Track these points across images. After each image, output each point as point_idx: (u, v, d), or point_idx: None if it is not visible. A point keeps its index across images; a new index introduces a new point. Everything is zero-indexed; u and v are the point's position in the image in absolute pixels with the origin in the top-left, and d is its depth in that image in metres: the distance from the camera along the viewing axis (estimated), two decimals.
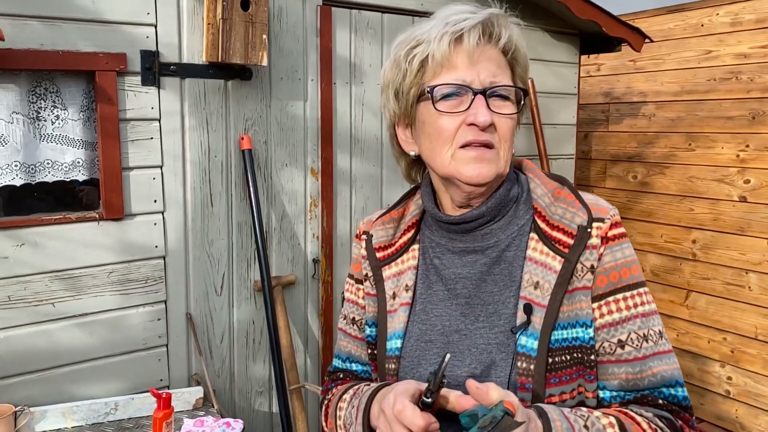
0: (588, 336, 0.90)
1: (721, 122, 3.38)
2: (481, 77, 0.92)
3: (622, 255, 0.92)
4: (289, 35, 2.29)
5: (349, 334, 1.12)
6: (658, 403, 0.90)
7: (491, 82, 0.92)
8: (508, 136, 0.94)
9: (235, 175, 2.23)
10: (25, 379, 1.92)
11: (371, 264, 1.06)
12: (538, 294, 0.91)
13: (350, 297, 1.12)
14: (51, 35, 1.84)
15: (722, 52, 3.37)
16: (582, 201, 0.95)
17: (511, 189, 0.99)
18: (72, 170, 1.97)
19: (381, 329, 1.03)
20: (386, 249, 1.06)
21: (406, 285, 1.02)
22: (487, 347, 0.93)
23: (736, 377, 3.38)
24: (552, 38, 3.05)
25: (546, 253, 0.93)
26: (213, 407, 2.10)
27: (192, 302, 2.19)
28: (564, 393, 0.89)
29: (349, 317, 1.12)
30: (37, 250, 1.90)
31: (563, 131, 3.21)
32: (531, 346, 0.89)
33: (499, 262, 0.96)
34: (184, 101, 2.10)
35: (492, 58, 0.94)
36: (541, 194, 0.98)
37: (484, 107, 0.91)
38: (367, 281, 1.07)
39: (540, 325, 0.89)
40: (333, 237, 2.48)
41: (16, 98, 1.85)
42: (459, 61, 0.92)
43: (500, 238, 0.97)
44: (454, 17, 0.93)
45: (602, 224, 0.92)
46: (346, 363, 1.13)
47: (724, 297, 3.40)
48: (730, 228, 3.35)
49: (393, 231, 1.07)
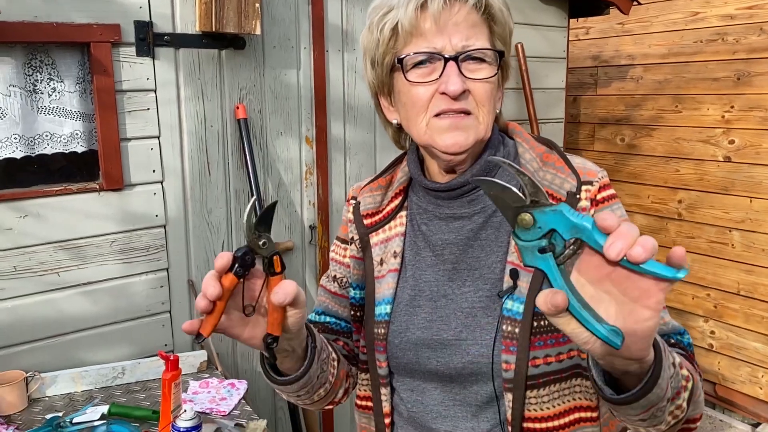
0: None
1: (707, 84, 3.43)
2: (453, 41, 0.89)
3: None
4: (281, 3, 2.30)
5: (328, 290, 1.13)
6: (672, 343, 0.93)
7: (463, 46, 0.89)
8: (485, 100, 0.92)
9: (231, 144, 2.26)
10: (33, 347, 1.98)
11: (359, 230, 1.07)
12: None
13: (335, 257, 1.13)
14: (45, 7, 1.84)
15: (709, 13, 3.40)
16: (571, 166, 0.95)
17: (496, 153, 0.98)
18: (71, 142, 1.99)
19: (369, 294, 1.04)
20: (374, 216, 1.06)
21: (394, 251, 1.02)
22: (472, 311, 0.94)
23: (718, 331, 3.50)
24: (541, 2, 3.07)
25: None
26: (217, 370, 2.17)
27: (193, 269, 2.25)
28: (549, 356, 0.91)
29: (331, 275, 1.13)
30: (40, 221, 1.93)
31: (552, 95, 3.25)
32: (517, 309, 0.90)
33: (486, 228, 0.97)
34: (179, 71, 2.12)
35: (462, 20, 0.90)
36: (530, 159, 0.97)
37: (455, 74, 0.89)
38: (353, 244, 1.08)
39: (526, 290, 0.90)
40: (328, 204, 2.53)
41: (12, 71, 1.87)
42: (427, 27, 0.89)
43: (486, 204, 0.97)
44: None
45: (591, 187, 0.92)
46: (320, 316, 1.13)
47: (708, 255, 3.51)
48: (715, 188, 3.44)
49: (381, 198, 1.07)
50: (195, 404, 1.91)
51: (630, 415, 0.75)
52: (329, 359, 0.99)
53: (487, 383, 0.93)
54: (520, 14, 2.97)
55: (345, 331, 1.11)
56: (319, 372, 0.95)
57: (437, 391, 0.98)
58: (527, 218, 0.62)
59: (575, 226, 0.61)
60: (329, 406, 1.09)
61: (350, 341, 1.11)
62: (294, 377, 0.91)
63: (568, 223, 0.61)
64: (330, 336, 1.10)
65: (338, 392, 1.07)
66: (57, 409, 1.86)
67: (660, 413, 0.75)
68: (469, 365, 0.93)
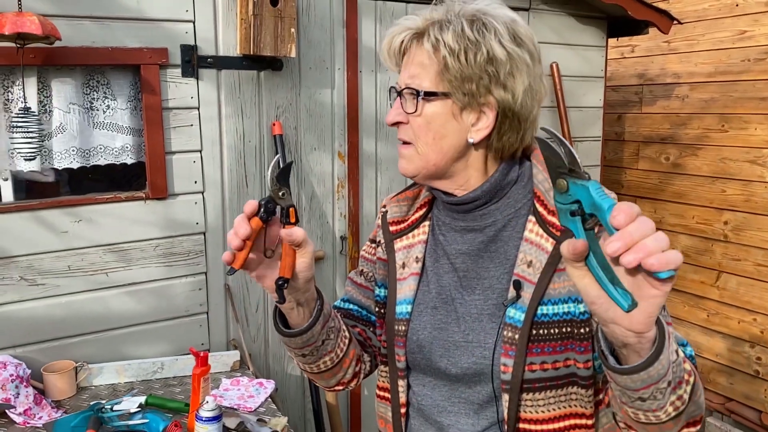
0: (579, 311, 0.96)
1: (754, 103, 3.36)
2: (403, 77, 1.02)
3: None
4: (317, 27, 2.45)
5: (355, 281, 1.24)
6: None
7: (405, 83, 1.01)
8: (419, 132, 1.00)
9: (267, 158, 2.42)
10: (83, 339, 2.17)
11: (385, 236, 1.18)
12: (530, 272, 0.99)
13: (364, 254, 1.25)
14: (101, 33, 2.05)
15: (757, 32, 3.34)
16: None
17: (508, 173, 1.05)
18: (121, 154, 2.19)
19: (391, 294, 1.13)
20: (399, 224, 1.17)
21: (416, 257, 1.12)
22: (479, 316, 1.03)
23: (765, 357, 3.39)
24: (578, 22, 3.10)
25: (541, 235, 1.00)
26: (249, 369, 2.30)
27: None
28: (545, 363, 0.97)
29: (359, 269, 1.25)
30: (92, 225, 2.13)
31: (589, 114, 3.26)
32: (518, 318, 0.98)
33: (496, 241, 1.05)
34: (220, 91, 2.30)
35: (416, 61, 1.00)
36: (542, 180, 1.03)
37: (394, 107, 1.03)
38: (380, 247, 1.18)
39: (528, 300, 0.97)
40: (359, 216, 2.65)
41: (72, 90, 2.08)
42: (395, 62, 1.05)
43: (497, 218, 1.05)
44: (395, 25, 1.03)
45: None
46: (345, 303, 1.24)
47: (754, 278, 3.41)
48: (762, 209, 3.35)
49: (406, 209, 1.17)
50: (225, 400, 2.05)
51: (630, 390, 0.78)
52: (339, 333, 1.10)
53: (487, 383, 1.02)
54: (555, 35, 3.02)
55: (365, 319, 1.22)
56: (324, 337, 1.06)
57: (445, 388, 1.08)
58: (563, 183, 0.71)
59: (594, 203, 0.68)
60: (339, 386, 1.20)
61: (368, 329, 1.22)
62: (298, 330, 1.02)
63: (589, 199, 0.68)
64: (350, 322, 1.21)
65: (347, 371, 1.17)
66: (101, 398, 2.04)
67: (660, 396, 0.78)
68: (473, 366, 1.03)
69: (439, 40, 0.97)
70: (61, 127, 2.08)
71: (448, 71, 0.97)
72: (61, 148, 2.09)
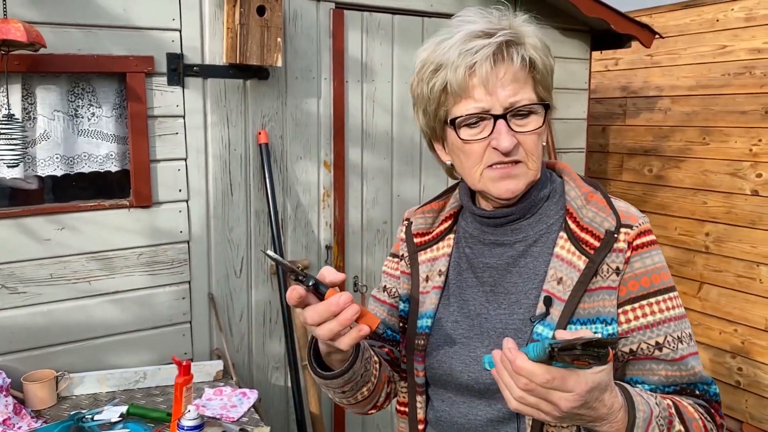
0: (607, 333, 0.95)
1: (734, 116, 3.42)
2: (500, 99, 0.95)
3: (652, 262, 0.98)
4: (304, 37, 2.47)
5: (378, 299, 1.22)
6: (696, 394, 0.97)
7: (510, 104, 0.95)
8: (534, 149, 0.98)
9: (253, 167, 2.42)
10: (65, 348, 2.15)
11: (408, 248, 1.15)
12: (560, 289, 0.97)
13: (386, 270, 1.22)
14: (87, 41, 2.05)
15: (737, 47, 3.40)
16: (612, 207, 1.00)
17: (542, 189, 1.04)
18: (106, 162, 2.19)
19: (413, 307, 1.11)
20: (423, 236, 1.15)
21: (439, 270, 1.10)
22: (505, 331, 1.00)
23: (746, 368, 3.43)
24: (562, 35, 3.14)
25: (572, 252, 0.98)
26: (232, 379, 2.29)
27: (213, 283, 2.40)
28: None
29: (381, 285, 1.22)
30: (75, 233, 2.12)
31: (573, 125, 3.30)
32: (546, 335, 0.95)
33: (525, 256, 1.03)
34: (206, 99, 2.30)
35: (509, 79, 0.96)
36: (575, 196, 1.03)
37: (505, 132, 0.95)
38: (403, 261, 1.16)
39: (557, 317, 0.95)
40: (345, 225, 2.66)
41: (57, 98, 2.08)
42: (476, 88, 0.96)
43: (528, 233, 1.04)
44: (469, 45, 0.96)
45: (630, 230, 0.97)
46: None
47: (735, 289, 3.45)
48: (742, 221, 3.40)
49: (432, 220, 1.16)
50: (207, 409, 2.04)
51: None
52: (371, 360, 1.08)
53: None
54: None
55: (390, 339, 1.20)
56: (362, 370, 1.03)
57: (464, 405, 1.05)
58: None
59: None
60: (373, 410, 1.18)
61: (395, 349, 1.21)
62: (339, 371, 1.00)
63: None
64: (376, 342, 1.19)
65: (381, 395, 1.14)
66: (82, 407, 2.02)
67: None
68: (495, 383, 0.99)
69: (536, 48, 0.98)
70: (45, 135, 2.08)
71: (543, 78, 0.99)
72: (45, 155, 2.08)
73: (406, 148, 2.76)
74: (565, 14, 3.07)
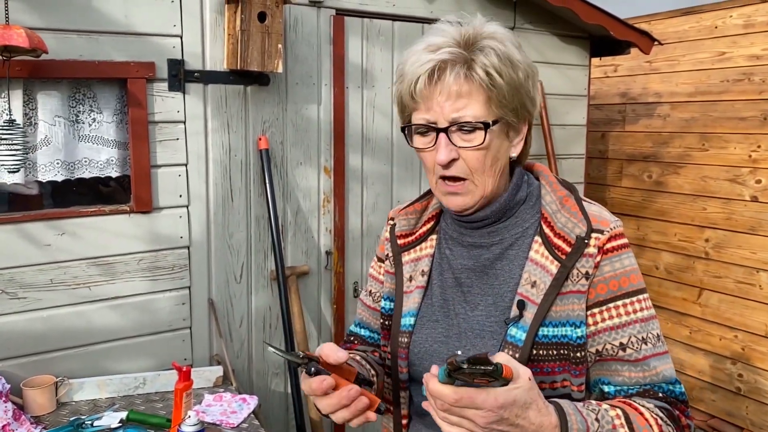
0: (576, 335, 0.98)
1: (733, 123, 3.43)
2: (445, 112, 0.96)
3: (621, 265, 1.00)
4: (304, 43, 2.48)
5: (365, 303, 1.27)
6: (659, 396, 0.99)
7: (453, 118, 0.96)
8: (478, 165, 0.99)
9: (253, 172, 2.43)
10: (64, 354, 2.15)
11: (393, 249, 1.18)
12: (533, 292, 1.00)
13: (372, 273, 1.26)
14: (89, 47, 2.06)
15: (735, 53, 3.41)
16: (584, 213, 1.02)
17: (517, 193, 1.07)
18: (106, 167, 2.19)
19: (397, 306, 1.15)
20: (407, 237, 1.18)
21: (422, 270, 1.13)
22: (481, 332, 1.04)
23: (747, 375, 3.42)
24: (562, 42, 3.16)
25: (546, 257, 1.01)
26: (232, 385, 2.29)
27: (213, 289, 2.40)
28: (543, 383, 0.98)
29: (368, 290, 1.27)
30: (75, 238, 2.12)
31: (573, 131, 3.31)
32: (519, 337, 0.98)
33: (501, 259, 1.06)
34: (207, 105, 2.30)
35: (453, 93, 0.95)
36: (550, 201, 1.05)
37: (444, 146, 0.97)
38: (388, 261, 1.20)
39: (530, 320, 0.98)
40: (345, 231, 2.66)
41: (58, 103, 2.08)
42: (422, 101, 0.98)
43: (504, 236, 1.06)
44: (421, 57, 0.97)
45: (601, 235, 0.99)
46: (357, 328, 1.28)
47: (735, 295, 3.45)
48: (742, 227, 3.40)
49: (414, 222, 1.18)
50: (207, 415, 2.04)
51: None
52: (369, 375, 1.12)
53: None
54: (539, 54, 3.07)
55: (377, 343, 1.25)
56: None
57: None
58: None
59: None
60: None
61: (380, 350, 1.23)
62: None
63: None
64: (368, 348, 1.25)
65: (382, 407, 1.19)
66: (82, 413, 2.01)
67: None
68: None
69: (487, 65, 0.95)
70: (46, 140, 2.08)
71: (499, 94, 0.96)
72: (45, 160, 2.08)
73: (406, 154, 2.77)
74: (564, 21, 3.09)
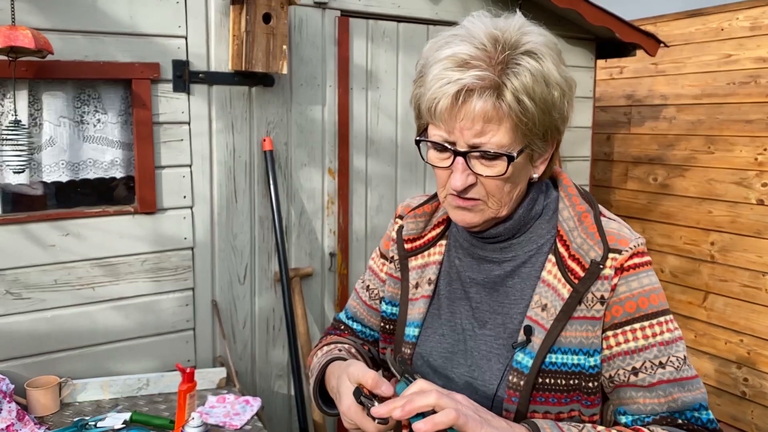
0: (589, 364, 0.93)
1: (740, 125, 3.41)
2: (465, 136, 0.88)
3: (639, 285, 0.93)
4: (309, 44, 2.47)
5: (360, 297, 1.22)
6: (678, 423, 0.91)
7: (473, 144, 0.89)
8: (496, 192, 0.93)
9: (257, 173, 2.42)
10: (68, 355, 2.15)
11: (399, 252, 1.12)
12: (543, 316, 0.94)
13: (373, 266, 1.20)
14: (93, 47, 2.06)
15: (742, 56, 3.40)
16: (602, 233, 0.95)
17: (533, 207, 1.00)
18: (111, 168, 2.19)
19: (401, 314, 1.10)
20: (414, 241, 1.11)
21: (429, 278, 1.08)
22: (487, 354, 0.99)
23: (752, 379, 3.40)
24: (567, 44, 3.15)
25: (559, 279, 0.95)
26: (235, 387, 2.28)
27: (217, 290, 2.40)
28: (549, 413, 0.94)
29: (365, 283, 1.21)
30: (79, 239, 2.12)
31: (579, 134, 3.30)
32: (526, 363, 0.94)
33: (513, 276, 1.00)
34: (211, 106, 2.30)
35: (479, 115, 0.86)
36: (567, 217, 0.98)
37: (460, 171, 0.90)
38: (392, 263, 1.13)
39: (538, 346, 0.93)
40: (349, 232, 2.65)
41: (63, 104, 2.08)
42: (444, 118, 0.89)
43: (518, 253, 1.00)
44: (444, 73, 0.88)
45: (618, 255, 0.93)
46: (349, 320, 1.24)
47: (741, 299, 3.43)
48: (748, 231, 3.38)
49: (423, 225, 1.12)
50: (210, 417, 2.03)
51: None
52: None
53: None
54: None
55: (370, 339, 1.21)
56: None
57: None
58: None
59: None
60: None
61: (374, 348, 1.21)
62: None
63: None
64: (358, 340, 1.21)
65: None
66: (85, 414, 2.01)
67: None
68: (473, 394, 0.98)
69: (518, 90, 0.86)
70: (50, 141, 2.08)
71: (529, 122, 0.88)
72: (50, 161, 2.08)
73: (410, 156, 2.76)
74: (570, 23, 3.07)
